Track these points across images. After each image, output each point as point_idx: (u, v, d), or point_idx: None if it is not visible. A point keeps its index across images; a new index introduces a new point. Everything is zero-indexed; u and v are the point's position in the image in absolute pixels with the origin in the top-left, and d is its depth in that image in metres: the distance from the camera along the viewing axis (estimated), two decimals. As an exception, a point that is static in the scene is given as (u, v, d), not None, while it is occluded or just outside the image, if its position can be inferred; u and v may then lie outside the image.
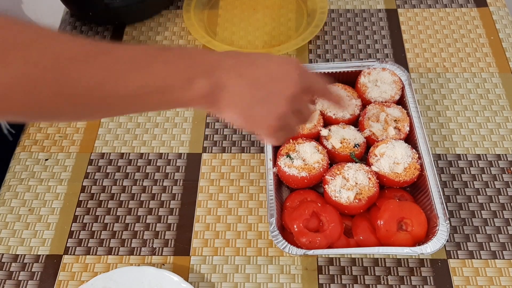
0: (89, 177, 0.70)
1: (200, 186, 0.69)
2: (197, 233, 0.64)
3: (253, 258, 0.62)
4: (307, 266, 0.61)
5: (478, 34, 0.85)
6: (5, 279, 0.61)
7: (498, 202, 0.66)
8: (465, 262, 0.61)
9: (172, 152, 0.73)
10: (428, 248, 0.56)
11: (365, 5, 0.91)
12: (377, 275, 0.60)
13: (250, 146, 0.73)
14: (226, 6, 0.93)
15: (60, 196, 0.68)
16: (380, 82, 0.71)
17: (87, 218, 0.66)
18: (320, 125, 0.68)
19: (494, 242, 0.62)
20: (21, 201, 0.68)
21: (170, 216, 0.66)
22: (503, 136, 0.72)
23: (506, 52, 0.82)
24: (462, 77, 0.79)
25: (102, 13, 0.87)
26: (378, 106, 0.69)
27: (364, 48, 0.85)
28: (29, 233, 0.65)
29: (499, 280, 0.59)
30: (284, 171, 0.63)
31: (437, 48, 0.84)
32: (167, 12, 0.92)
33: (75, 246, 0.64)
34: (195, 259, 0.62)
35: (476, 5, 0.90)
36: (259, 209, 0.66)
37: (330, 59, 0.83)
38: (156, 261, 0.62)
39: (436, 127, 0.74)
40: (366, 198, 0.60)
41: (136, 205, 0.67)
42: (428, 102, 0.77)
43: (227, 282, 0.60)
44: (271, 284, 0.60)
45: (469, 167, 0.69)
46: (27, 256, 0.63)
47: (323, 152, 0.65)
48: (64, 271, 0.62)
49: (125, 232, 0.65)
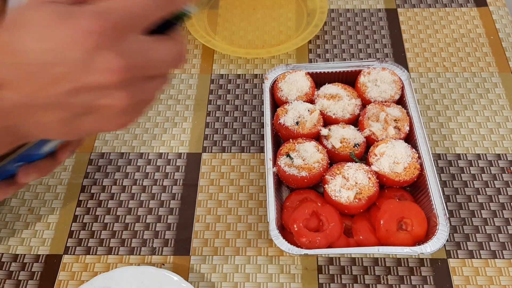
0: (89, 177, 0.70)
1: (200, 186, 0.69)
2: (197, 232, 0.64)
3: (253, 258, 0.62)
4: (307, 266, 0.61)
5: (478, 34, 0.85)
6: (5, 279, 0.61)
7: (498, 201, 0.66)
8: (465, 262, 0.61)
9: (172, 152, 0.73)
10: (428, 248, 0.56)
11: (365, 4, 0.91)
12: (377, 274, 0.60)
13: (250, 146, 0.73)
14: (226, 6, 0.93)
15: (60, 195, 0.68)
16: (380, 82, 0.71)
17: (87, 218, 0.66)
18: (320, 124, 0.68)
19: (494, 242, 0.62)
20: (21, 200, 0.68)
21: (170, 215, 0.66)
22: (503, 136, 0.72)
23: (506, 51, 0.82)
24: (462, 77, 0.80)
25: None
26: (378, 106, 0.69)
27: (364, 47, 0.85)
28: (29, 232, 0.65)
29: (499, 279, 0.59)
30: (284, 171, 0.63)
31: (437, 47, 0.84)
32: (167, 12, 0.92)
33: (75, 246, 0.64)
34: (195, 259, 0.62)
35: (476, 5, 0.90)
36: (259, 208, 0.66)
37: (330, 58, 0.83)
38: (156, 260, 0.62)
39: (436, 127, 0.74)
40: (366, 198, 0.60)
41: (136, 205, 0.67)
42: (428, 101, 0.77)
43: (227, 282, 0.60)
44: (271, 284, 0.60)
45: (469, 167, 0.69)
46: (27, 256, 0.63)
47: (323, 151, 0.65)
48: (64, 271, 0.62)
49: (125, 232, 0.65)
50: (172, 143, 0.73)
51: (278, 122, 0.68)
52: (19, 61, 0.28)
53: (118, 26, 0.29)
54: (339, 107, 0.69)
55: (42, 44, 0.28)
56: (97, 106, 0.30)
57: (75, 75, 0.29)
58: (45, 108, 0.30)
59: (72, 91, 0.29)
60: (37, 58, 0.28)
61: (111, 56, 0.29)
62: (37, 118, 0.31)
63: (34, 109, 0.30)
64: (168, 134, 0.74)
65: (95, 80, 0.29)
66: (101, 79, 0.29)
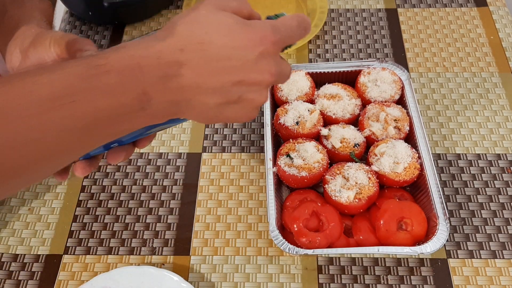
0: (89, 177, 0.70)
1: (200, 186, 0.69)
2: (197, 232, 0.64)
3: (253, 257, 0.62)
4: (307, 266, 0.61)
5: (478, 34, 0.85)
6: (5, 279, 0.61)
7: (498, 201, 0.66)
8: (465, 262, 0.61)
9: (172, 151, 0.73)
10: (428, 248, 0.56)
11: (365, 4, 0.91)
12: (377, 274, 0.60)
13: (250, 146, 0.73)
14: (226, 6, 0.93)
15: (60, 195, 0.68)
16: (380, 82, 0.71)
17: (87, 218, 0.66)
18: (320, 124, 0.68)
19: (494, 242, 0.62)
20: (21, 200, 0.68)
21: (170, 215, 0.66)
22: (503, 136, 0.72)
23: (506, 51, 0.82)
24: (462, 77, 0.79)
25: (102, 13, 0.87)
26: (378, 106, 0.69)
27: (364, 47, 0.85)
28: (29, 232, 0.65)
29: (499, 279, 0.59)
30: (284, 171, 0.63)
31: (437, 47, 0.84)
32: (167, 12, 0.92)
33: (75, 246, 0.64)
34: (195, 259, 0.62)
35: (476, 5, 0.90)
36: (259, 208, 0.66)
37: (330, 58, 0.83)
38: (156, 260, 0.62)
39: (436, 127, 0.74)
40: (366, 198, 0.60)
41: (136, 205, 0.67)
42: (428, 101, 0.77)
43: (227, 282, 0.60)
44: (271, 284, 0.60)
45: (469, 167, 0.69)
46: (27, 256, 0.63)
47: (323, 151, 0.65)
48: (64, 270, 0.62)
49: (125, 231, 0.65)
50: (172, 143, 0.73)
51: (278, 122, 0.68)
52: (203, 48, 0.34)
53: (282, 41, 0.37)
54: (339, 107, 0.69)
55: (226, 40, 0.35)
56: (245, 98, 0.37)
57: (243, 70, 0.36)
58: (211, 92, 0.36)
59: (237, 82, 0.36)
60: (219, 50, 0.34)
61: (272, 62, 0.37)
62: (200, 98, 0.36)
63: (202, 90, 0.35)
64: (168, 134, 0.74)
65: (256, 78, 0.36)
66: (260, 78, 0.37)
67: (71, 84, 0.31)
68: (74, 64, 0.32)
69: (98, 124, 0.33)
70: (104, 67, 0.32)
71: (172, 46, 0.34)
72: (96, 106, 0.32)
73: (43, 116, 0.30)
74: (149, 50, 0.34)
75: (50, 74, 0.31)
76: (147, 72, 0.33)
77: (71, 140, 0.33)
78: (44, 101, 0.31)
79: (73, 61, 0.33)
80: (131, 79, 0.33)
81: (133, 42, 0.34)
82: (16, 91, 0.31)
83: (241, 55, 0.35)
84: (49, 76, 0.31)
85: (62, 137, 0.32)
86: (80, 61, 0.33)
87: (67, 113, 0.31)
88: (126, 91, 0.33)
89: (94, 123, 0.33)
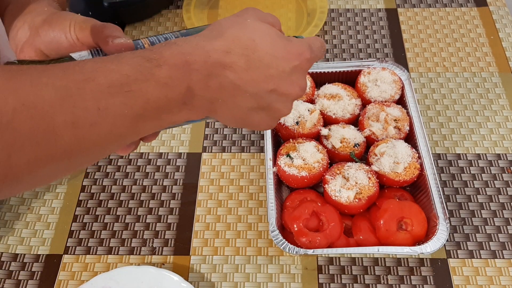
0: (89, 177, 0.70)
1: (200, 186, 0.69)
2: (197, 232, 0.64)
3: (253, 257, 0.62)
4: (307, 266, 0.61)
5: (478, 34, 0.85)
6: (4, 278, 0.61)
7: (498, 201, 0.66)
8: (465, 262, 0.61)
9: (172, 151, 0.72)
10: (428, 248, 0.56)
11: (365, 4, 0.91)
12: (377, 274, 0.60)
13: (250, 145, 0.73)
14: (226, 6, 0.93)
15: (60, 195, 0.68)
16: (380, 82, 0.71)
17: (87, 218, 0.66)
18: (320, 124, 0.68)
19: (494, 242, 0.62)
20: (20, 199, 0.68)
21: (170, 215, 0.66)
22: (503, 136, 0.72)
23: (506, 51, 0.82)
24: (462, 77, 0.79)
25: (102, 13, 0.87)
26: (378, 106, 0.69)
27: (364, 47, 0.85)
28: (29, 232, 0.65)
29: (499, 279, 0.59)
30: (284, 171, 0.63)
31: (437, 47, 0.84)
32: (167, 12, 0.92)
33: (75, 246, 0.64)
34: (195, 259, 0.62)
35: (476, 5, 0.90)
36: (259, 208, 0.66)
37: (330, 58, 0.83)
38: (156, 260, 0.62)
39: (436, 127, 0.74)
40: (366, 198, 0.60)
41: (136, 205, 0.67)
42: (428, 101, 0.77)
43: (227, 282, 0.60)
44: (271, 284, 0.60)
45: (469, 167, 0.69)
46: (27, 256, 0.63)
47: (323, 151, 0.65)
48: (64, 270, 0.62)
49: (125, 231, 0.65)
50: (172, 142, 0.73)
51: (278, 122, 0.68)
52: (247, 53, 0.37)
53: (314, 59, 0.42)
54: (339, 107, 0.69)
55: (268, 48, 0.38)
56: (273, 107, 0.40)
57: (278, 80, 0.38)
58: (248, 96, 0.38)
59: (271, 90, 0.38)
60: (261, 57, 0.37)
61: (303, 77, 0.41)
62: (236, 100, 0.38)
63: (239, 93, 0.37)
64: (168, 134, 0.74)
65: (287, 89, 0.39)
66: (291, 90, 0.40)
67: (127, 74, 0.33)
68: (130, 56, 0.34)
69: (146, 115, 0.34)
70: (157, 62, 0.34)
71: (220, 48, 0.36)
72: (147, 98, 0.34)
73: (102, 102, 0.32)
74: (199, 50, 0.36)
75: (107, 64, 0.33)
76: (195, 69, 0.35)
77: (123, 127, 0.34)
78: (104, 87, 0.32)
79: (129, 53, 0.35)
80: (180, 74, 0.35)
81: (183, 40, 0.37)
82: (75, 77, 0.32)
83: (279, 65, 0.38)
84: (106, 66, 0.33)
85: (116, 124, 0.33)
86: (135, 54, 0.35)
87: (123, 101, 0.33)
88: (174, 86, 0.35)
89: (143, 113, 0.34)
